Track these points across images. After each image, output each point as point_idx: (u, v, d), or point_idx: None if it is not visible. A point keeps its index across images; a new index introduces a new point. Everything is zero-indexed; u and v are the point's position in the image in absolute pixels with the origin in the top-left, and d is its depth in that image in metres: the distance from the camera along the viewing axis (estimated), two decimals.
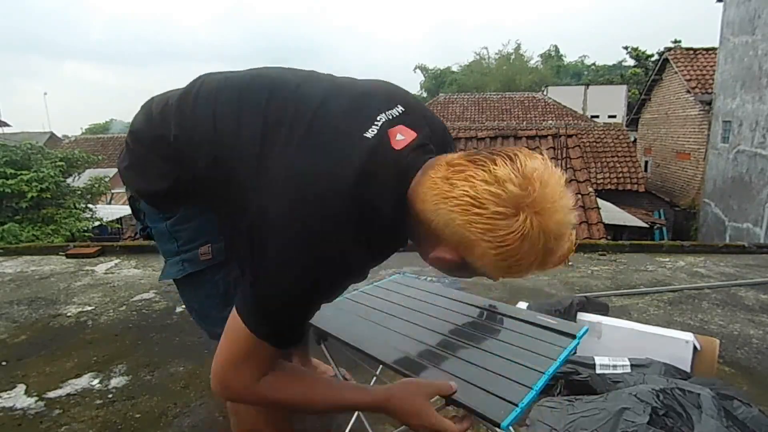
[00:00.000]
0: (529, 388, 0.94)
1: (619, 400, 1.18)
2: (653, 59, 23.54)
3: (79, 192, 10.15)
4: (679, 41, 20.23)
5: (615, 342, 1.76)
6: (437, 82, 38.22)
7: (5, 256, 4.00)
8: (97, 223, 10.55)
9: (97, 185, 10.50)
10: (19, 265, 3.68)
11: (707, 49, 12.75)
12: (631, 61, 30.04)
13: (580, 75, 42.45)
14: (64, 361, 2.02)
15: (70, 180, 10.59)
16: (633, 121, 17.35)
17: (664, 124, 14.72)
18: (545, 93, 23.38)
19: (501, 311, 1.32)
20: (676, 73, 12.99)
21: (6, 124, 17.54)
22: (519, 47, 34.40)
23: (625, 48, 28.60)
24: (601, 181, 12.80)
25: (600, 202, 6.45)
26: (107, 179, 11.21)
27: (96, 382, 1.84)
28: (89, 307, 2.67)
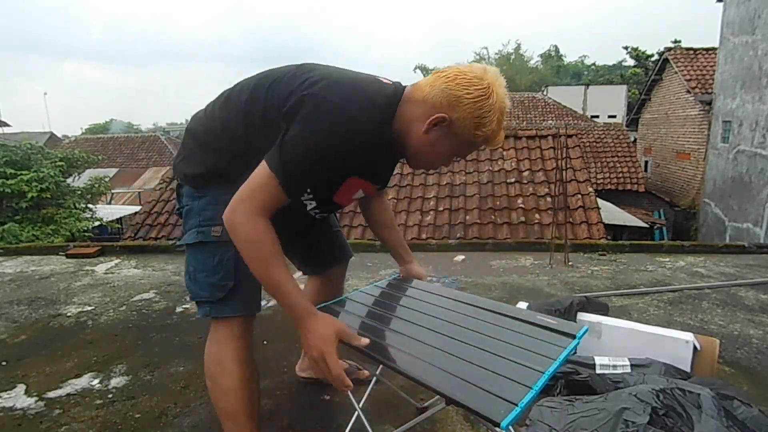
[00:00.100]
0: (529, 388, 0.93)
1: (619, 400, 1.18)
2: (653, 59, 23.57)
3: (79, 192, 10.15)
4: (679, 41, 20.28)
5: (615, 342, 1.76)
6: None
7: (5, 256, 4.00)
8: (97, 223, 10.56)
9: (97, 185, 10.51)
10: (19, 265, 3.68)
11: (707, 49, 12.76)
12: (631, 61, 30.07)
13: (580, 75, 42.50)
14: (64, 361, 2.02)
15: (70, 180, 10.60)
16: (633, 121, 17.35)
17: (664, 124, 14.72)
18: (545, 93, 23.40)
19: (501, 311, 1.32)
20: (676, 73, 12.99)
21: (6, 124, 17.54)
22: (519, 47, 34.53)
23: (625, 48, 28.65)
24: (601, 181, 12.81)
25: (600, 202, 6.44)
26: (107, 179, 11.23)
27: (96, 382, 1.84)
28: (89, 307, 2.67)
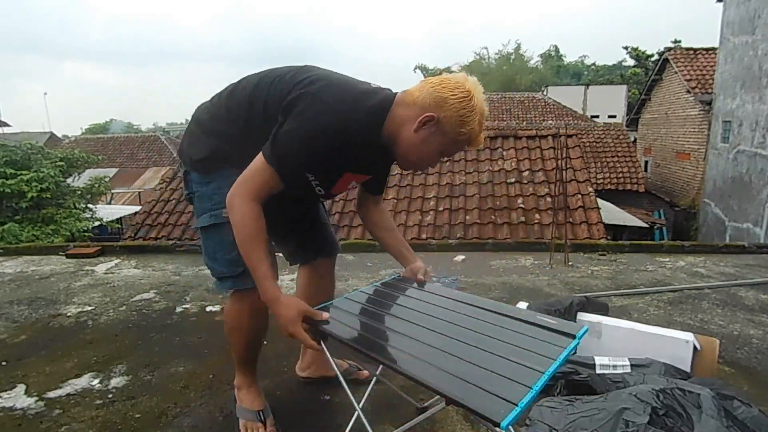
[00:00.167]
0: (529, 388, 0.93)
1: (619, 400, 1.18)
2: (653, 59, 23.57)
3: (79, 192, 10.15)
4: (679, 41, 20.28)
5: (615, 342, 1.76)
6: None
7: (5, 256, 4.00)
8: (97, 223, 10.56)
9: (97, 185, 10.50)
10: (19, 265, 3.68)
11: (707, 49, 12.75)
12: (631, 61, 30.08)
13: (580, 75, 42.48)
14: (64, 361, 2.02)
15: (70, 180, 10.60)
16: (633, 121, 17.35)
17: (664, 124, 14.71)
18: (545, 93, 23.39)
19: (500, 311, 1.32)
20: (676, 73, 12.99)
21: (6, 124, 17.55)
22: (519, 47, 34.47)
23: (625, 48, 28.67)
24: (601, 181, 12.81)
25: (600, 202, 6.44)
26: (107, 179, 11.22)
27: (96, 382, 1.84)
28: (89, 307, 2.67)
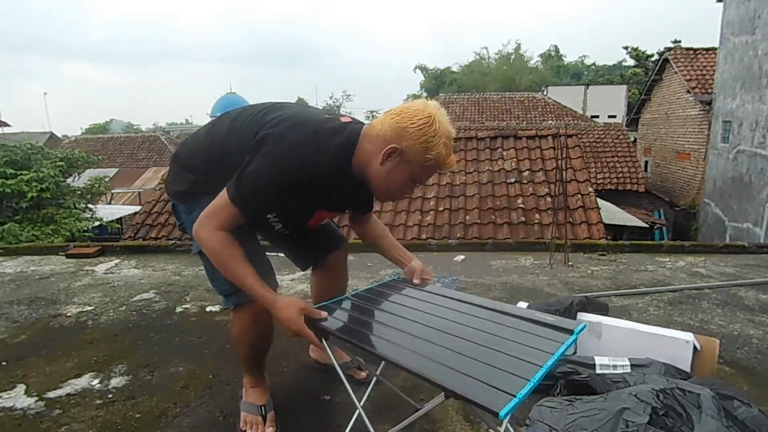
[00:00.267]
0: (527, 380, 0.96)
1: (619, 400, 1.18)
2: (653, 59, 23.56)
3: (79, 192, 10.15)
4: (679, 41, 20.24)
5: (615, 342, 1.76)
6: (437, 82, 38.21)
7: (5, 256, 4.00)
8: (97, 223, 10.56)
9: (97, 185, 10.51)
10: (19, 265, 3.68)
11: (707, 49, 12.75)
12: (631, 61, 30.06)
13: (580, 75, 42.45)
14: (64, 361, 2.02)
15: (70, 180, 10.59)
16: (633, 121, 17.35)
17: (664, 124, 14.72)
18: (545, 93, 23.40)
19: (500, 309, 1.33)
20: (676, 73, 12.99)
21: (6, 124, 17.54)
22: (519, 47, 34.45)
23: (625, 48, 28.65)
24: (601, 181, 12.80)
25: (600, 202, 6.44)
26: (107, 179, 11.22)
27: (96, 382, 1.84)
28: (89, 307, 2.67)
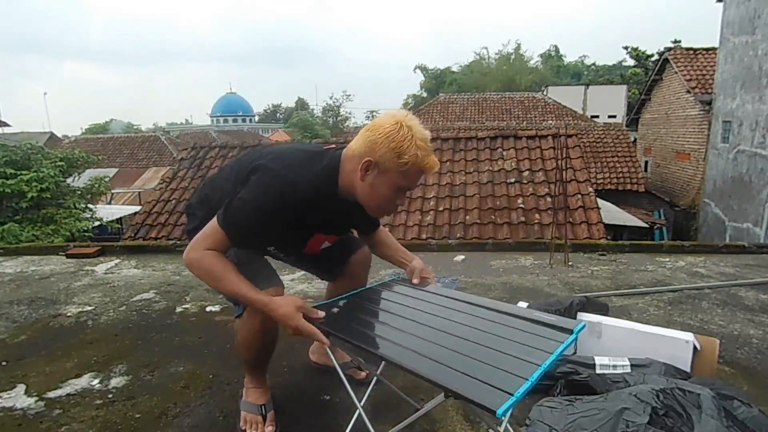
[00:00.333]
0: (525, 379, 0.96)
1: (619, 400, 1.18)
2: (653, 59, 23.56)
3: (79, 192, 10.14)
4: (679, 41, 20.26)
5: (615, 342, 1.76)
6: (437, 82, 38.20)
7: (5, 256, 4.00)
8: (97, 223, 10.56)
9: (97, 185, 10.50)
10: (19, 265, 3.68)
11: (707, 49, 12.75)
12: (631, 61, 30.05)
13: (580, 75, 42.43)
14: (64, 361, 2.02)
15: (70, 180, 10.59)
16: (633, 121, 17.35)
17: (664, 124, 14.71)
18: (545, 93, 23.39)
19: (500, 309, 1.33)
20: (676, 73, 12.99)
21: (6, 124, 17.55)
22: (519, 47, 34.45)
23: (625, 48, 28.64)
24: (601, 181, 12.80)
25: (600, 202, 6.43)
26: (107, 179, 11.22)
27: (96, 382, 1.84)
28: (89, 307, 2.67)
